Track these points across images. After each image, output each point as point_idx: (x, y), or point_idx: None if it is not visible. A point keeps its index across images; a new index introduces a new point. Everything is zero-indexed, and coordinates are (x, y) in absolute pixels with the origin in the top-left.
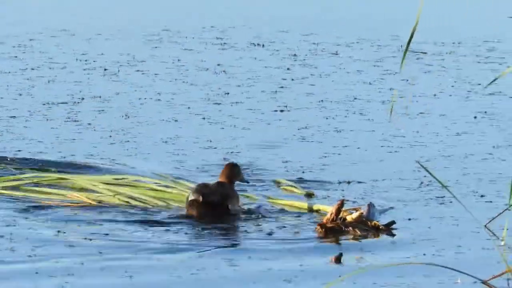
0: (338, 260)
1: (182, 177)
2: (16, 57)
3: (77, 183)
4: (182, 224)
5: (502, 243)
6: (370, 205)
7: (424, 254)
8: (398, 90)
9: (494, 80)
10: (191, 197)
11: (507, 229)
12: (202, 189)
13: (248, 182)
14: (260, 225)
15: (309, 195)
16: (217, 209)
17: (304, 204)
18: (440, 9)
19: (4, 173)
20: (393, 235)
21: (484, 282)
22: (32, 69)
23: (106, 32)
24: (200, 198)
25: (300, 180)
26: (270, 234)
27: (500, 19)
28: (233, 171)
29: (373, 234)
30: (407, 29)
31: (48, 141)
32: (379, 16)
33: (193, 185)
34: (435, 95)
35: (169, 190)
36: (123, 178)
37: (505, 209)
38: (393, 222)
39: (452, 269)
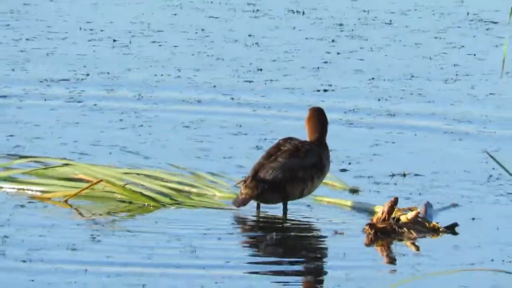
0: (390, 265)
1: (205, 169)
2: (8, 25)
3: (87, 171)
4: None
5: None
6: (428, 204)
7: (492, 260)
8: (463, 67)
9: None
10: None
11: None
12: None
13: None
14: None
15: (354, 191)
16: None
17: (347, 201)
18: None
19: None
20: (455, 237)
21: None
22: (27, 39)
23: None
24: None
25: (345, 172)
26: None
27: None
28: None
29: (431, 236)
30: None
31: (47, 126)
32: None
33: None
34: (507, 73)
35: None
36: (135, 172)
37: None
38: (455, 225)
39: None
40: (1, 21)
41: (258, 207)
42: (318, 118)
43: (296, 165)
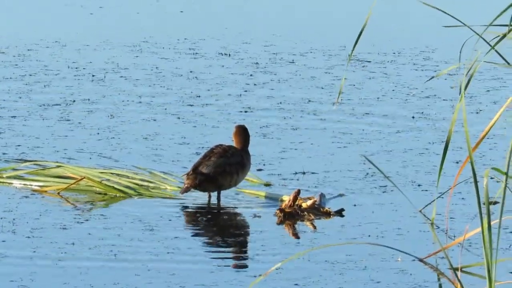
0: (294, 239)
1: (158, 169)
2: (16, 65)
3: (74, 171)
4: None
5: (431, 224)
6: (322, 195)
7: (369, 236)
8: (346, 94)
9: (431, 78)
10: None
11: (438, 214)
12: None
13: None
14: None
15: (268, 185)
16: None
17: (262, 193)
18: (384, 21)
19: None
20: (342, 219)
21: (421, 260)
22: (30, 75)
23: (93, 43)
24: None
25: (260, 171)
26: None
27: (436, 29)
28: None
29: (324, 218)
30: (353, 40)
31: (44, 138)
32: (330, 28)
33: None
34: (378, 98)
35: (146, 182)
36: (109, 172)
37: (438, 197)
38: (342, 210)
39: (393, 248)
40: (11, 62)
41: (209, 196)
42: (241, 132)
43: (224, 163)
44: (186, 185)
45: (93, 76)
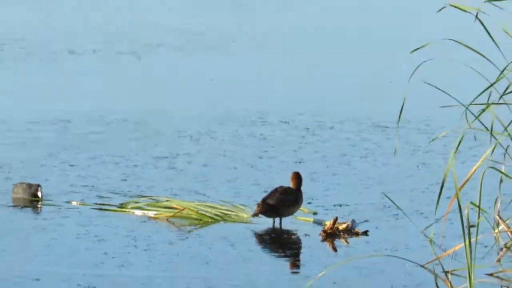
0: (334, 252)
1: (238, 202)
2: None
3: (178, 203)
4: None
5: (430, 241)
6: (353, 220)
7: (385, 249)
8: (369, 150)
9: (432, 140)
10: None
11: (434, 233)
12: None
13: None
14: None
15: (314, 213)
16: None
17: (311, 219)
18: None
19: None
20: (367, 237)
21: (422, 266)
22: (146, 137)
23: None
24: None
25: (310, 204)
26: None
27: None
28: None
29: (355, 237)
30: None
31: (156, 181)
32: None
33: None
34: (393, 153)
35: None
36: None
37: (434, 222)
38: (367, 231)
39: (403, 258)
40: (131, 127)
41: (273, 221)
42: (296, 177)
43: (284, 199)
44: (256, 211)
45: (191, 137)
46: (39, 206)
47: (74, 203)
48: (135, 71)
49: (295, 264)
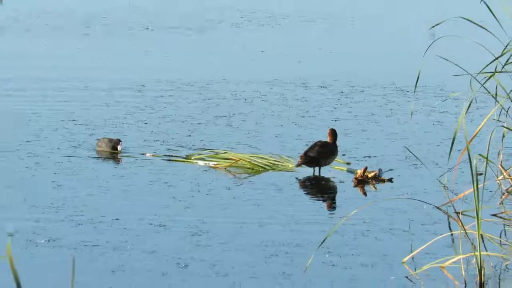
0: (363, 195)
1: (284, 154)
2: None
3: (234, 155)
4: None
5: (444, 186)
6: (380, 169)
7: (406, 193)
8: (393, 115)
9: (444, 100)
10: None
11: (448, 180)
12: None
13: None
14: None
15: (348, 163)
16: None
17: (345, 168)
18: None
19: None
20: (392, 183)
21: (438, 208)
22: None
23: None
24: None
25: (344, 156)
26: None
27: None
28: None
29: (381, 183)
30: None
31: (217, 136)
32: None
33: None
34: (412, 113)
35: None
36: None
37: (448, 170)
38: (392, 178)
39: (422, 201)
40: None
41: (313, 170)
42: (332, 133)
43: (323, 151)
44: (299, 161)
45: (245, 99)
46: (118, 157)
47: (147, 155)
48: (200, 44)
49: (332, 206)
